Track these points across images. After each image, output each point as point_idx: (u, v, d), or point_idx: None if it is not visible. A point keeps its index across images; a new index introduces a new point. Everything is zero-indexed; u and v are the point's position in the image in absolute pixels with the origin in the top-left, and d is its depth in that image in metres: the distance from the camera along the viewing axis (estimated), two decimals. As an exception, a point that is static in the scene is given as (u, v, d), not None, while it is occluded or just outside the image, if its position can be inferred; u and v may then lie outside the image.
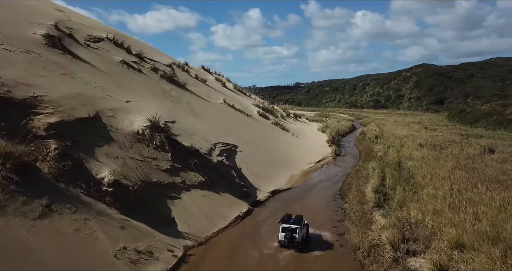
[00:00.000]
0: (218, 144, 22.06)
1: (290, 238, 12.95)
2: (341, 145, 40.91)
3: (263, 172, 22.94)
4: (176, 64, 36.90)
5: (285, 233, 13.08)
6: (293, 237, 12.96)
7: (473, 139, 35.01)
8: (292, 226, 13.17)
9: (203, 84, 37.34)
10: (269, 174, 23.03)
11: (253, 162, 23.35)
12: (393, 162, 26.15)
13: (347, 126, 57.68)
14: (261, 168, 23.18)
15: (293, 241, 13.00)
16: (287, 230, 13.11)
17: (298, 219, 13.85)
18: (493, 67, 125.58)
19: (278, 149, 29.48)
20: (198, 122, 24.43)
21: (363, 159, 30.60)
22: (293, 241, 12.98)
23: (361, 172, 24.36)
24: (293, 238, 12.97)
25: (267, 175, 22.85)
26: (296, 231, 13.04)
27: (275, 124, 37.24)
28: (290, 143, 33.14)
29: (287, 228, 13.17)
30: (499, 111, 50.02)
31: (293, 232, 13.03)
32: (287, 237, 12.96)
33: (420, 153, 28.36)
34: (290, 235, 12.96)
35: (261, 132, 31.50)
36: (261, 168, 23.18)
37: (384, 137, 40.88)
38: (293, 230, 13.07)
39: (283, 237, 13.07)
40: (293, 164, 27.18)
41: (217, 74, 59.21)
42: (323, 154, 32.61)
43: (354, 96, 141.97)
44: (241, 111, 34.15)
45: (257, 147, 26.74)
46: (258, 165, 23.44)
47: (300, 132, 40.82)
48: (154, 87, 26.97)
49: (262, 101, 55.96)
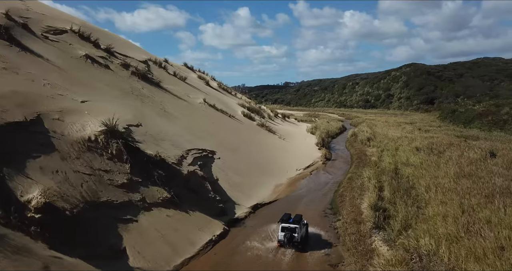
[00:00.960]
0: (191, 150, 19.09)
1: (290, 238, 12.79)
2: (331, 148, 38.38)
3: (244, 182, 20.07)
4: (152, 61, 33.69)
5: (285, 232, 12.90)
6: (292, 237, 12.83)
7: (471, 141, 32.88)
8: (292, 226, 13.06)
9: (182, 82, 34.26)
10: (251, 184, 20.18)
11: (232, 170, 20.47)
12: (389, 168, 23.63)
13: (337, 127, 55.34)
14: (241, 178, 20.31)
15: (293, 241, 12.87)
16: (287, 230, 12.95)
17: (298, 218, 13.73)
18: (481, 67, 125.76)
19: (263, 154, 26.67)
20: (170, 125, 21.41)
21: (355, 164, 28.05)
22: (292, 240, 12.86)
23: (354, 181, 21.74)
24: (292, 238, 12.83)
25: (249, 185, 20.00)
26: (296, 231, 12.92)
27: (261, 126, 34.42)
28: (276, 146, 30.37)
29: (286, 228, 13.03)
30: (493, 111, 48.34)
31: (293, 231, 12.91)
32: (286, 236, 12.78)
33: (417, 157, 25.93)
34: (289, 235, 12.79)
35: (244, 136, 28.64)
36: (241, 178, 20.31)
37: (376, 139, 38.51)
38: (292, 229, 12.94)
39: (283, 236, 12.88)
40: (279, 171, 24.40)
41: (201, 72, 56.11)
42: (313, 159, 29.95)
43: (343, 95, 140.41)
44: (223, 112, 31.20)
45: (238, 152, 23.86)
46: (239, 174, 20.56)
47: (288, 134, 38.11)
48: (122, 85, 23.79)
49: (248, 101, 53.11)
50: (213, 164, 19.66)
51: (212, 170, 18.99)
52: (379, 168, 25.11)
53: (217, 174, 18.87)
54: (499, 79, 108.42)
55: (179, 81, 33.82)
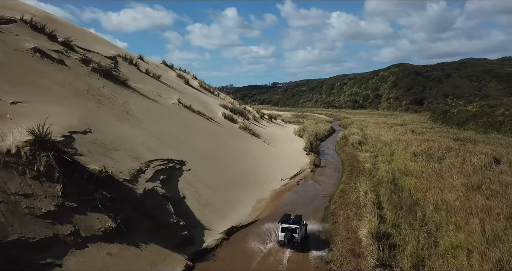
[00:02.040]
0: (153, 162, 15.75)
1: (290, 238, 12.71)
2: (320, 152, 35.51)
3: (219, 199, 16.84)
4: (122, 57, 30.11)
5: (285, 233, 12.81)
6: (293, 237, 12.74)
7: (469, 145, 30.48)
8: (292, 226, 12.96)
9: (156, 80, 30.78)
10: (227, 202, 16.97)
11: (205, 184, 17.21)
12: (386, 178, 20.81)
13: (326, 129, 52.65)
14: (216, 194, 17.07)
15: (293, 241, 12.77)
16: (287, 230, 12.85)
17: (298, 219, 13.63)
18: (468, 67, 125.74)
19: (245, 162, 23.49)
20: (131, 131, 18.02)
21: (347, 171, 25.15)
22: (292, 241, 12.76)
23: (348, 194, 18.78)
24: (293, 238, 12.74)
25: (225, 203, 16.79)
26: (296, 231, 12.83)
27: (244, 129, 31.24)
28: (260, 152, 27.24)
29: (286, 228, 12.92)
30: (487, 112, 46.39)
31: (293, 232, 12.82)
32: (287, 237, 12.70)
33: (416, 165, 23.22)
34: (290, 235, 12.71)
35: (223, 141, 25.39)
36: (216, 194, 17.07)
37: (368, 142, 35.84)
38: (292, 230, 12.85)
39: (283, 237, 12.80)
40: (263, 182, 21.27)
41: (182, 70, 52.67)
42: (300, 165, 26.93)
43: (331, 96, 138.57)
44: (200, 114, 27.86)
45: (214, 161, 20.62)
46: (213, 189, 17.32)
47: (274, 137, 35.03)
48: (76, 83, 20.23)
49: (232, 101, 49.91)
50: (181, 178, 16.37)
51: (178, 185, 15.69)
52: (374, 177, 22.29)
53: (185, 191, 15.59)
54: (487, 79, 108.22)
55: (152, 79, 30.34)
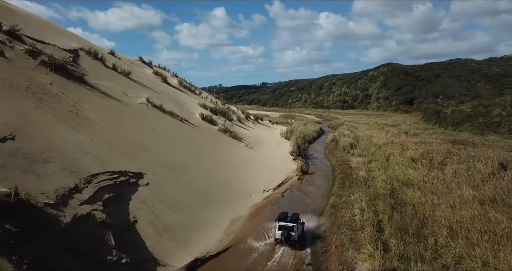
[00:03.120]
0: (98, 176, 12.44)
1: (287, 236, 12.68)
2: (308, 156, 32.60)
3: (183, 221, 13.62)
4: (85, 50, 26.52)
5: (282, 231, 12.80)
6: (290, 235, 12.73)
7: (471, 149, 28.01)
8: (289, 224, 13.00)
9: (124, 77, 27.31)
10: (192, 224, 13.76)
11: (166, 203, 13.97)
12: (385, 190, 17.93)
13: (315, 130, 49.87)
14: (179, 215, 13.83)
15: (290, 239, 12.74)
16: (284, 228, 12.87)
17: (295, 217, 13.60)
18: (456, 67, 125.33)
19: (220, 171, 20.30)
20: (75, 137, 14.62)
21: (339, 180, 22.23)
22: (289, 239, 12.74)
23: (340, 211, 15.80)
24: (289, 236, 12.73)
25: (189, 226, 13.57)
26: (293, 229, 12.85)
27: (224, 131, 28.03)
28: (240, 159, 24.09)
29: (283, 226, 12.95)
30: (483, 112, 44.33)
31: (290, 230, 12.83)
32: (284, 235, 12.68)
33: (417, 173, 20.48)
34: (287, 233, 12.69)
35: (197, 146, 22.14)
36: (179, 215, 13.83)
37: (360, 145, 33.10)
38: (289, 228, 12.89)
39: (280, 235, 12.78)
40: (240, 195, 18.13)
41: (162, 68, 49.11)
42: (286, 173, 23.90)
43: (320, 96, 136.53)
44: (172, 115, 24.54)
45: (183, 172, 17.36)
46: (175, 208, 14.07)
47: (258, 140, 31.95)
48: (15, 78, 16.70)
49: (215, 100, 46.63)
50: (135, 195, 13.10)
51: (129, 206, 12.42)
52: (369, 188, 19.42)
53: (137, 213, 12.33)
54: (475, 79, 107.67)
55: (119, 76, 26.86)
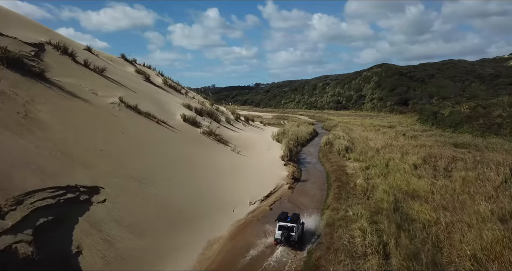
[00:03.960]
0: (35, 194, 9.85)
1: (287, 237, 12.41)
2: (301, 160, 30.23)
3: (143, 247, 11.06)
4: (53, 45, 23.78)
5: (282, 231, 12.55)
6: (290, 236, 12.46)
7: (475, 153, 25.89)
8: (289, 225, 12.76)
9: (98, 74, 24.62)
10: (155, 250, 11.22)
11: (125, 224, 11.41)
12: (387, 202, 15.60)
13: (308, 132, 47.53)
14: (140, 239, 11.27)
15: (290, 240, 12.46)
16: (284, 229, 12.63)
17: (295, 217, 13.43)
18: (450, 68, 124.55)
19: (200, 181, 17.76)
20: (17, 142, 12.00)
21: (334, 190, 19.87)
22: (289, 239, 12.46)
23: (337, 231, 13.38)
24: (290, 237, 12.46)
25: (152, 253, 11.03)
26: (293, 230, 12.60)
27: (208, 134, 25.49)
28: (225, 165, 21.58)
29: (283, 227, 12.71)
30: (482, 113, 42.48)
31: (290, 230, 12.58)
32: (284, 235, 12.41)
33: (422, 182, 18.20)
34: (287, 234, 12.44)
35: (174, 152, 19.56)
36: (140, 239, 11.27)
37: (356, 149, 30.85)
38: (290, 228, 12.63)
39: (280, 235, 12.51)
40: (221, 210, 15.62)
41: (147, 66, 46.39)
42: (275, 181, 21.47)
43: (314, 96, 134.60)
44: (148, 116, 21.93)
45: (152, 183, 14.79)
46: (137, 231, 11.51)
47: (247, 144, 29.48)
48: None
49: (202, 101, 44.08)
50: (84, 217, 10.52)
51: (74, 231, 9.85)
52: (369, 199, 17.10)
53: (84, 240, 9.77)
54: (469, 80, 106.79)
55: (92, 73, 24.16)
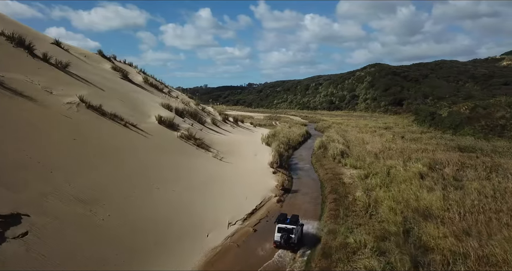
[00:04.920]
0: None
1: (287, 239, 12.06)
2: (292, 166, 27.44)
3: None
4: (6, 35, 20.56)
5: (281, 233, 12.18)
6: (289, 238, 12.11)
7: (484, 158, 23.37)
8: (289, 226, 12.37)
9: (58, 70, 21.45)
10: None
11: (50, 264, 8.43)
12: (394, 224, 12.87)
13: (301, 133, 44.83)
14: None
15: (290, 242, 12.11)
16: (283, 231, 12.24)
17: (295, 219, 13.02)
18: (443, 68, 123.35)
19: (169, 196, 14.77)
20: None
21: (330, 204, 17.08)
22: (289, 241, 12.11)
23: (336, 265, 10.59)
24: (289, 239, 12.11)
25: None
26: (293, 232, 12.23)
27: (186, 138, 22.52)
28: (203, 175, 18.64)
29: (283, 229, 12.32)
30: (483, 114, 40.28)
31: (290, 232, 12.21)
32: (283, 237, 12.07)
33: (432, 195, 15.49)
34: (286, 236, 12.08)
35: (140, 161, 16.54)
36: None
37: (353, 153, 28.16)
38: (289, 230, 12.26)
39: (279, 237, 12.16)
40: (192, 235, 12.68)
41: (128, 64, 43.15)
42: (262, 192, 18.61)
43: (306, 97, 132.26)
44: (114, 118, 18.87)
45: (103, 203, 11.79)
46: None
47: (232, 148, 26.57)
48: None
49: (187, 100, 41.04)
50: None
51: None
52: (372, 218, 14.35)
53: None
54: (463, 80, 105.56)
55: (51, 69, 20.97)
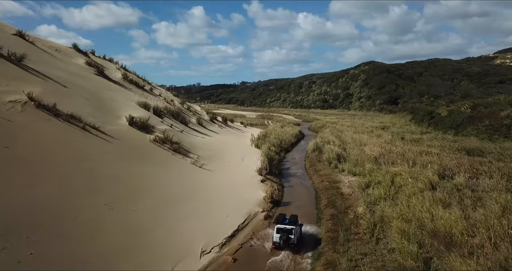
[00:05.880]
0: None
1: (286, 239, 11.86)
2: (284, 172, 24.74)
3: None
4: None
5: (280, 234, 11.96)
6: (289, 238, 11.90)
7: (498, 164, 20.91)
8: (288, 227, 12.13)
9: (10, 63, 18.40)
10: None
11: None
12: (411, 257, 10.21)
13: (293, 134, 42.17)
14: None
15: (289, 243, 11.88)
16: (282, 231, 12.02)
17: (294, 219, 12.80)
18: (438, 66, 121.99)
19: (125, 217, 11.92)
20: None
21: (326, 220, 14.38)
22: (288, 242, 11.88)
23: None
24: (289, 239, 11.89)
25: None
26: (292, 232, 11.99)
27: (161, 142, 19.68)
28: (175, 188, 15.81)
29: (282, 229, 12.09)
30: (486, 114, 38.08)
31: (289, 233, 11.98)
32: (282, 238, 11.86)
33: (449, 213, 12.88)
34: (286, 236, 11.87)
35: (96, 172, 13.60)
36: None
37: (350, 157, 25.52)
38: (288, 231, 12.02)
39: (278, 238, 11.94)
40: (153, 269, 9.90)
41: (108, 60, 40.11)
42: (247, 207, 15.84)
43: (300, 95, 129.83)
44: (69, 120, 15.89)
45: (31, 235, 8.97)
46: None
47: (217, 152, 23.77)
48: None
49: (171, 99, 38.10)
50: None
51: None
52: (378, 243, 11.70)
53: None
54: (458, 78, 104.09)
55: (1, 61, 17.94)
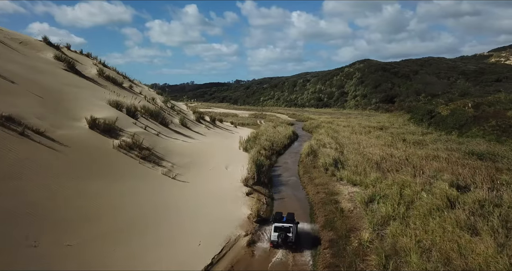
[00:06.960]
0: None
1: (284, 238, 11.80)
2: (274, 180, 21.90)
3: None
4: None
5: (278, 232, 11.90)
6: (287, 237, 11.85)
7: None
8: (286, 225, 12.17)
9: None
10: None
11: None
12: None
13: (286, 135, 39.36)
14: None
15: (287, 241, 11.83)
16: (280, 229, 11.98)
17: (291, 217, 12.94)
18: (433, 65, 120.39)
19: (61, 253, 9.02)
20: None
21: (324, 249, 11.60)
22: (287, 241, 11.84)
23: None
24: (287, 238, 11.85)
25: None
26: (290, 230, 12.02)
27: (129, 148, 16.69)
28: (135, 208, 12.87)
29: (280, 227, 12.07)
30: (492, 113, 35.66)
31: (287, 231, 11.96)
32: (280, 237, 11.79)
33: (481, 244, 10.16)
34: (284, 235, 11.80)
35: (27, 193, 10.67)
36: None
37: (349, 162, 22.74)
38: (286, 229, 12.01)
39: (276, 237, 11.87)
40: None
41: (85, 55, 36.81)
42: (226, 231, 12.90)
43: (294, 94, 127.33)
44: (5, 124, 12.84)
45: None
46: None
47: (196, 159, 20.82)
48: None
49: (153, 97, 35.01)
50: None
51: None
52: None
53: None
54: (454, 76, 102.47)
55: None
